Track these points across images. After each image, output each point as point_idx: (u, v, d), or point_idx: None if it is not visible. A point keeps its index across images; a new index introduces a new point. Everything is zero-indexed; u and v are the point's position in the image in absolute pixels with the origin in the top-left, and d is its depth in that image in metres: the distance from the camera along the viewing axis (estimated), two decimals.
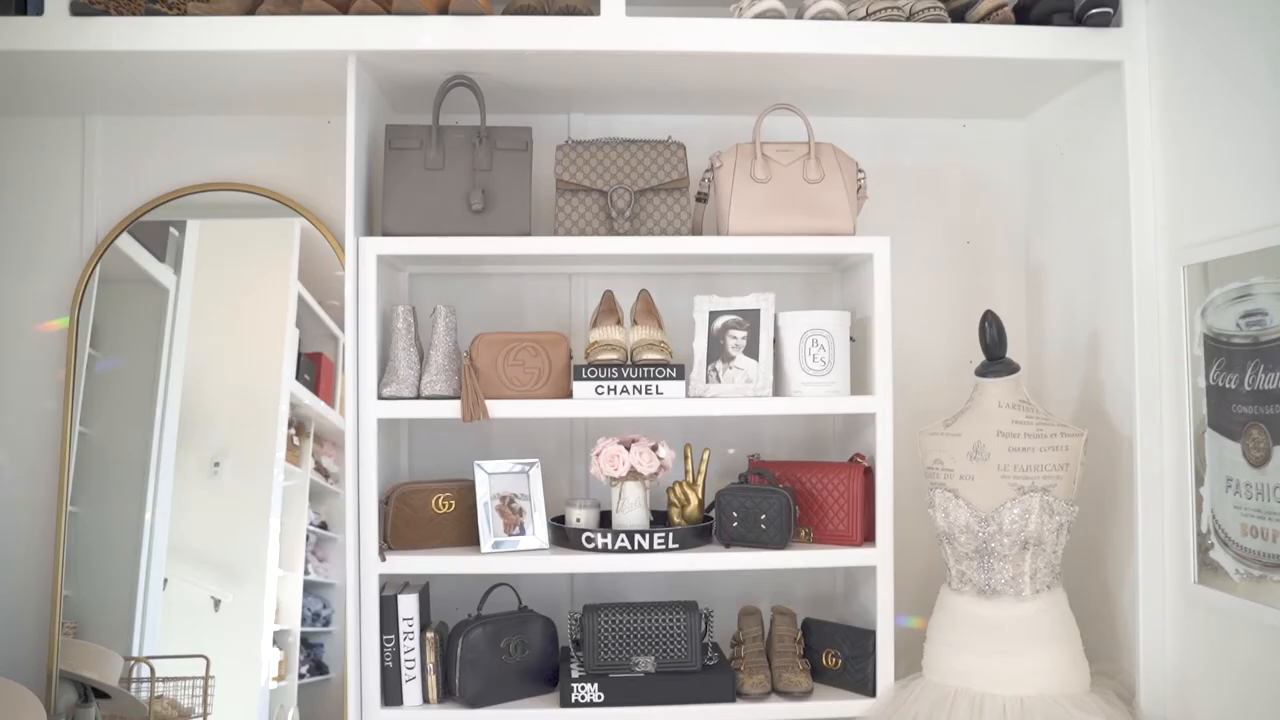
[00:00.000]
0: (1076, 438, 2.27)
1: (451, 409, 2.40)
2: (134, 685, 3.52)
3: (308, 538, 5.49)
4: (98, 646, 2.90)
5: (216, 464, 4.80)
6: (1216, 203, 2.13)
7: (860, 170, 2.53)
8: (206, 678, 3.68)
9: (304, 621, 5.40)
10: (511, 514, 2.48)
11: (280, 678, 5.25)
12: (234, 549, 4.73)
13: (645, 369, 2.42)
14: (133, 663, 3.51)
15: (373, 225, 2.55)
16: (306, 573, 5.43)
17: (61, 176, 2.77)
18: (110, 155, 2.79)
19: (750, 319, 2.48)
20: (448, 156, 2.48)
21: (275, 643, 5.18)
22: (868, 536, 2.48)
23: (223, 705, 4.32)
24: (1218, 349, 2.09)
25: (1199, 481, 2.16)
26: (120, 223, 2.79)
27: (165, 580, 4.50)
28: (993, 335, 2.36)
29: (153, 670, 3.49)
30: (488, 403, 2.39)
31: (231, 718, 4.53)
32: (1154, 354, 2.30)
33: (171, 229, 3.12)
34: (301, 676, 5.43)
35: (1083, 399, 2.56)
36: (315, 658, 4.10)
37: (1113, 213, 2.41)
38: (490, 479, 2.49)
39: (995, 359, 2.37)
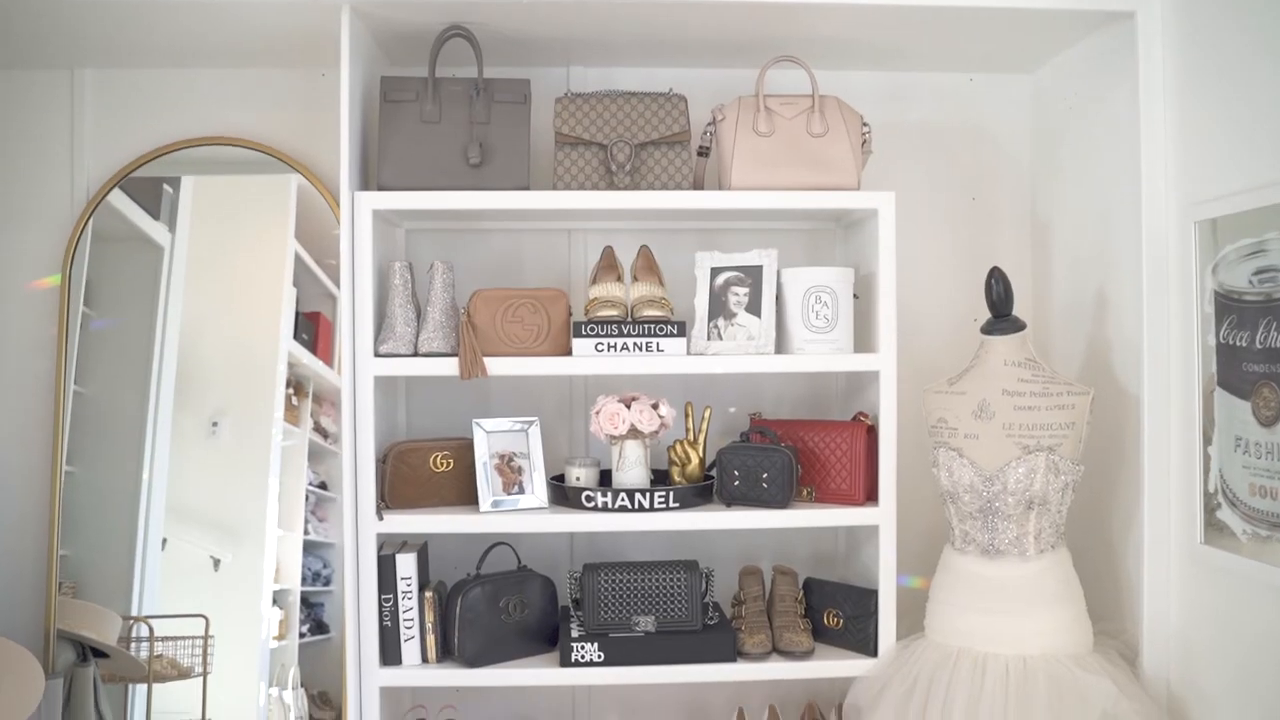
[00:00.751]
0: (1083, 396, 2.24)
1: (449, 366, 2.37)
2: (133, 644, 3.52)
3: (307, 498, 5.49)
4: (96, 606, 2.89)
5: (214, 424, 4.78)
6: (1230, 157, 2.08)
7: (865, 124, 2.49)
8: (206, 637, 3.68)
9: (304, 581, 5.42)
10: (510, 473, 2.46)
11: (281, 637, 5.27)
12: (233, 509, 4.73)
13: (646, 326, 2.39)
14: (132, 622, 3.50)
15: (368, 180, 2.51)
16: (306, 532, 5.45)
17: (51, 131, 2.72)
18: (100, 109, 2.74)
19: (752, 275, 2.45)
20: (444, 109, 2.43)
21: (275, 602, 5.20)
22: (870, 496, 2.46)
23: (223, 664, 4.33)
24: (1229, 306, 2.05)
25: (1207, 441, 2.13)
26: (111, 178, 2.74)
27: (164, 540, 4.50)
28: (999, 292, 2.33)
29: (151, 630, 3.48)
30: (486, 360, 2.36)
31: (232, 677, 4.55)
32: (1163, 311, 2.26)
33: (165, 185, 3.08)
34: (302, 636, 5.46)
35: (1089, 357, 2.53)
36: (316, 617, 4.11)
37: (1122, 168, 2.36)
38: (489, 437, 2.46)
39: (1001, 316, 2.34)
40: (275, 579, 5.05)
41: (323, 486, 3.43)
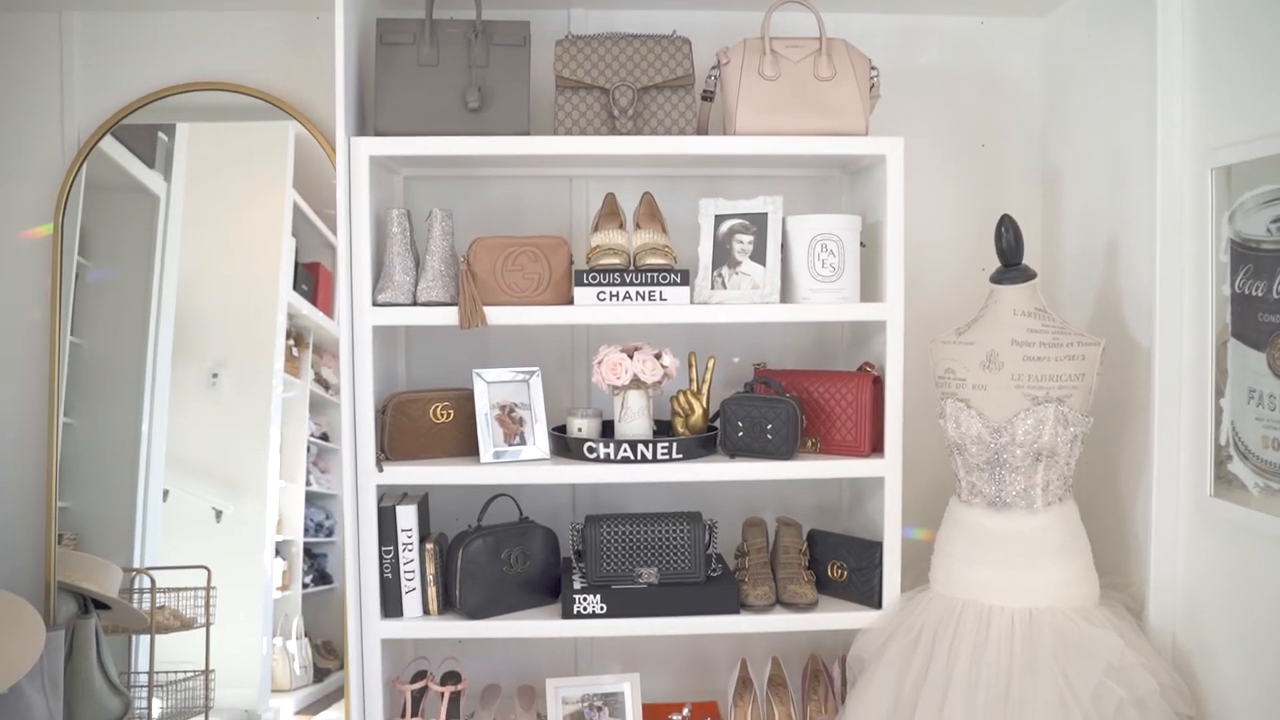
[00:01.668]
0: (1093, 347, 2.21)
1: (449, 316, 2.34)
2: (135, 596, 3.52)
3: (309, 449, 5.48)
4: (96, 558, 2.88)
5: (214, 375, 4.76)
6: (1249, 102, 2.02)
7: (873, 68, 2.43)
8: (208, 588, 3.68)
9: (307, 532, 5.42)
10: (511, 424, 2.44)
11: (284, 587, 5.30)
12: (234, 461, 4.72)
13: (648, 274, 2.36)
14: (134, 574, 3.50)
15: (365, 125, 2.47)
16: (308, 484, 5.45)
17: (39, 75, 2.66)
18: (90, 53, 2.68)
19: (757, 223, 2.40)
20: (442, 52, 2.37)
21: (278, 553, 5.21)
22: (876, 447, 2.44)
23: (226, 615, 4.34)
24: (1245, 255, 2.00)
25: (1219, 393, 2.10)
26: (103, 125, 2.69)
27: (166, 492, 4.49)
28: (1009, 240, 2.28)
29: (153, 581, 3.48)
30: (486, 309, 2.33)
31: (235, 627, 4.56)
32: (1176, 261, 2.21)
33: (160, 133, 3.03)
34: (305, 586, 5.47)
35: (1099, 308, 2.49)
36: (319, 568, 4.11)
37: (1137, 113, 2.30)
38: (489, 388, 2.44)
39: (1011, 265, 2.30)
40: (278, 530, 5.06)
41: (324, 438, 3.42)
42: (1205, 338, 2.14)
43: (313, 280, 3.48)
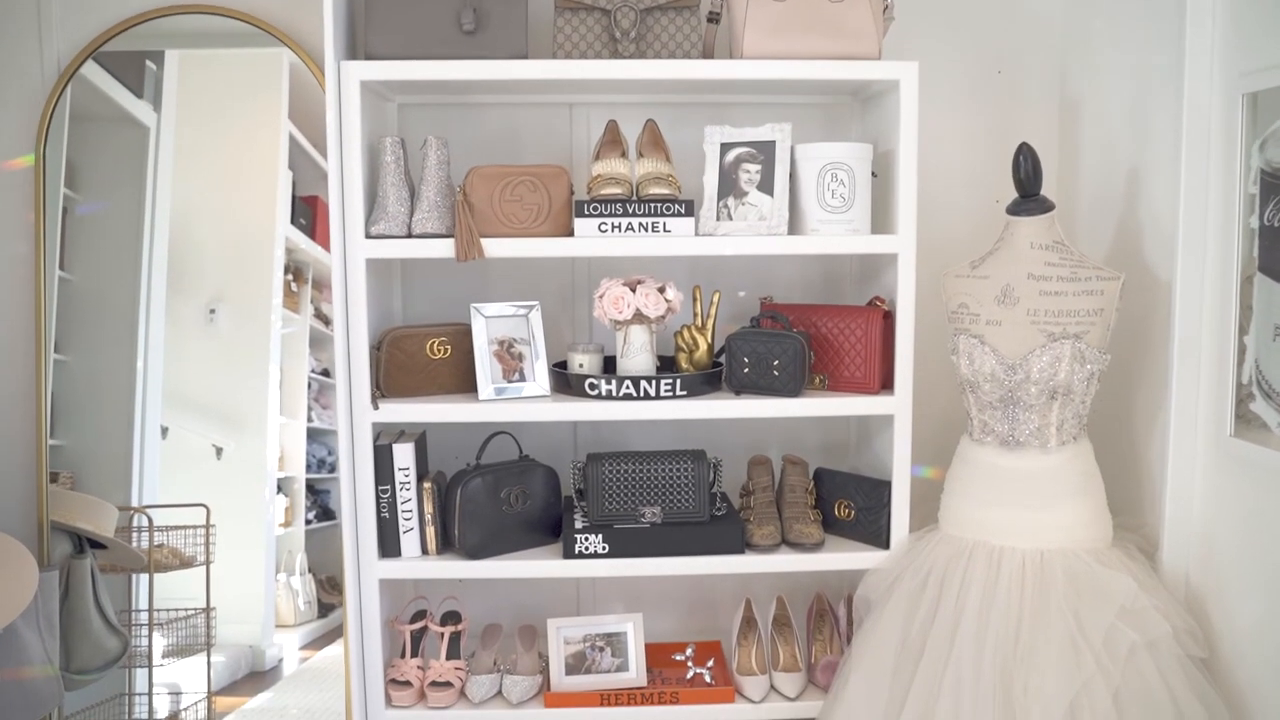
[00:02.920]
0: (1112, 281, 2.14)
1: (445, 248, 2.28)
2: (134, 534, 3.49)
3: (309, 385, 5.44)
4: (90, 497, 2.84)
5: (212, 311, 4.70)
6: None
7: None
8: (207, 526, 3.66)
9: (309, 468, 5.40)
10: (510, 359, 2.38)
11: (287, 524, 5.29)
12: (234, 397, 4.69)
13: (652, 205, 2.30)
14: (131, 512, 3.47)
15: (355, 49, 2.38)
16: (309, 420, 5.42)
17: None
18: None
19: (765, 152, 2.33)
20: None
21: (280, 489, 5.19)
22: (885, 384, 2.39)
23: (229, 552, 4.33)
24: (1276, 186, 1.92)
25: (1243, 330, 2.03)
26: (84, 49, 2.59)
27: (165, 429, 4.46)
28: (1027, 170, 2.21)
29: (150, 520, 3.45)
30: (483, 241, 2.27)
31: (238, 564, 4.56)
32: (1201, 192, 2.13)
33: (148, 62, 2.93)
34: (309, 522, 5.46)
35: (1118, 241, 2.42)
36: (322, 504, 4.09)
37: (1162, 36, 2.20)
38: (488, 323, 2.38)
39: (1028, 195, 2.23)
40: (280, 467, 5.04)
41: (325, 374, 3.37)
42: (1230, 272, 2.06)
43: (311, 214, 3.40)
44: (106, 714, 3.49)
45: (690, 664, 2.49)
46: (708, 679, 2.46)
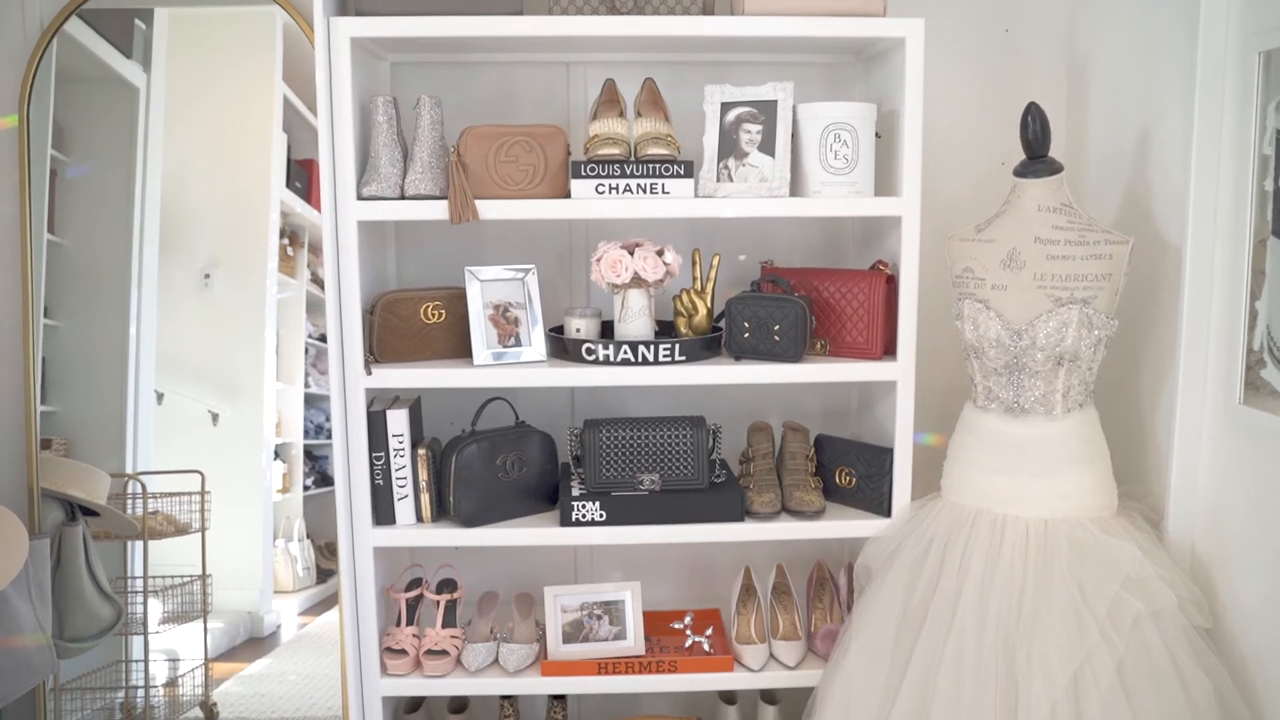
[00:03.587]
0: (1121, 245, 2.09)
1: (438, 210, 2.23)
2: (129, 502, 3.47)
3: (306, 350, 5.41)
4: (82, 464, 2.81)
5: (207, 276, 4.66)
6: None
7: None
8: (203, 492, 3.64)
9: (307, 434, 5.38)
10: (506, 324, 2.34)
11: (285, 490, 5.27)
12: (229, 363, 4.65)
13: (650, 165, 2.25)
14: (125, 479, 3.45)
15: (346, 5, 2.33)
16: (307, 385, 5.39)
17: None
18: None
19: (766, 111, 2.28)
20: None
21: (278, 456, 5.17)
22: (888, 349, 2.36)
23: (227, 519, 4.32)
24: None
25: (1254, 295, 1.98)
26: (66, 5, 2.54)
27: (160, 395, 4.43)
28: (1035, 130, 2.15)
29: (143, 487, 3.43)
30: (478, 203, 2.23)
31: (236, 530, 4.54)
32: (1213, 154, 2.08)
33: (136, 20, 2.86)
34: (307, 489, 5.45)
35: (1126, 205, 2.37)
36: (320, 469, 4.07)
37: None
38: (483, 286, 2.34)
39: (1036, 157, 2.18)
40: (277, 432, 5.01)
41: (322, 339, 3.33)
42: (1242, 236, 2.01)
43: (306, 178, 3.35)
44: (103, 680, 3.49)
45: (689, 632, 2.47)
46: (706, 647, 2.44)
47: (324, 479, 3.45)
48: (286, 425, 4.96)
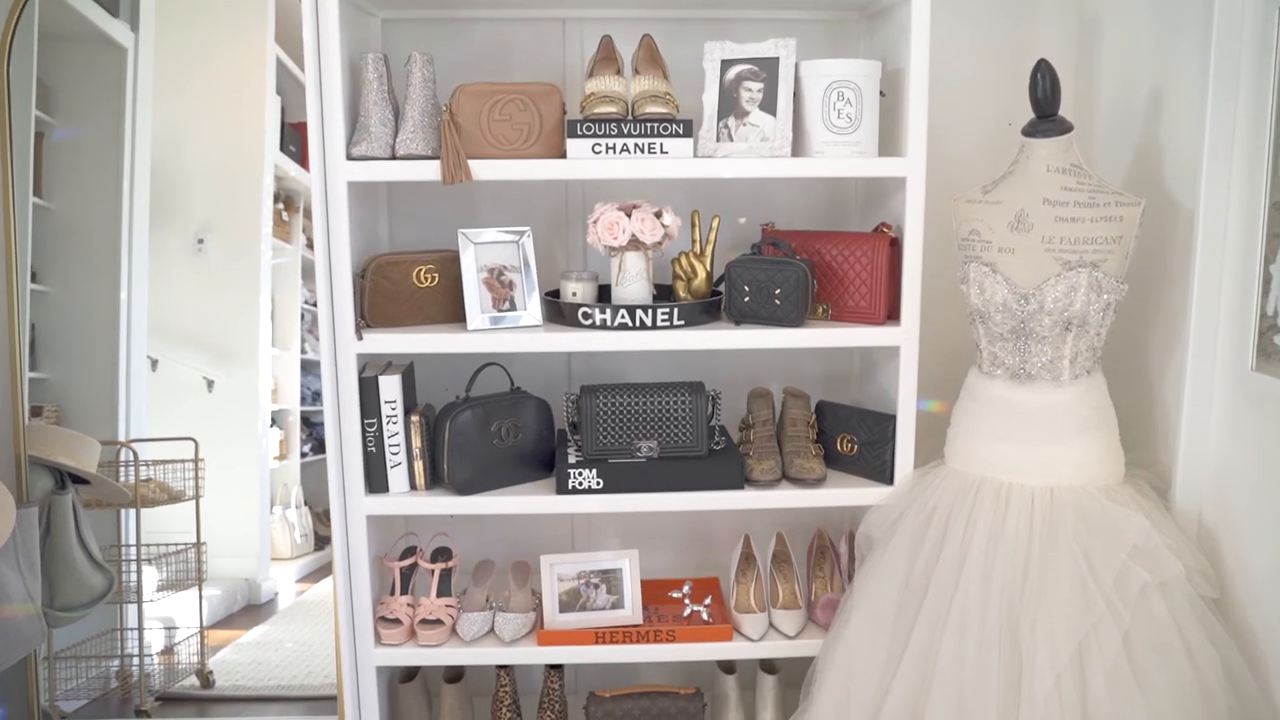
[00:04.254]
0: (1133, 207, 2.04)
1: (430, 170, 2.19)
2: (121, 469, 3.44)
3: (302, 316, 5.37)
4: (71, 431, 2.77)
5: (200, 241, 4.61)
6: None
7: None
8: (196, 460, 3.60)
9: (303, 401, 5.35)
10: (501, 288, 2.29)
11: (282, 457, 5.24)
12: (224, 329, 4.62)
13: (648, 124, 2.20)
14: (118, 447, 3.41)
15: None
16: (303, 352, 5.35)
17: None
18: None
19: (768, 69, 2.23)
20: None
21: (275, 422, 5.15)
22: (891, 314, 2.32)
23: (223, 486, 4.29)
24: None
25: (1269, 259, 1.94)
26: None
27: (155, 361, 4.40)
28: (1045, 88, 2.10)
29: (135, 454, 3.39)
30: (471, 163, 2.18)
31: (233, 497, 4.52)
32: (1229, 113, 2.02)
33: None
34: (304, 455, 5.43)
35: (1136, 166, 2.33)
36: (317, 436, 4.03)
37: None
38: (477, 249, 2.29)
39: (1046, 116, 2.12)
40: (273, 399, 4.98)
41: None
42: (1257, 198, 1.96)
43: (300, 141, 3.27)
44: (98, 649, 3.47)
45: (687, 601, 2.45)
46: (705, 617, 2.42)
47: (321, 445, 3.40)
48: (283, 392, 4.93)
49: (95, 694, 3.32)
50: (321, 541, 5.25)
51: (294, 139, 4.86)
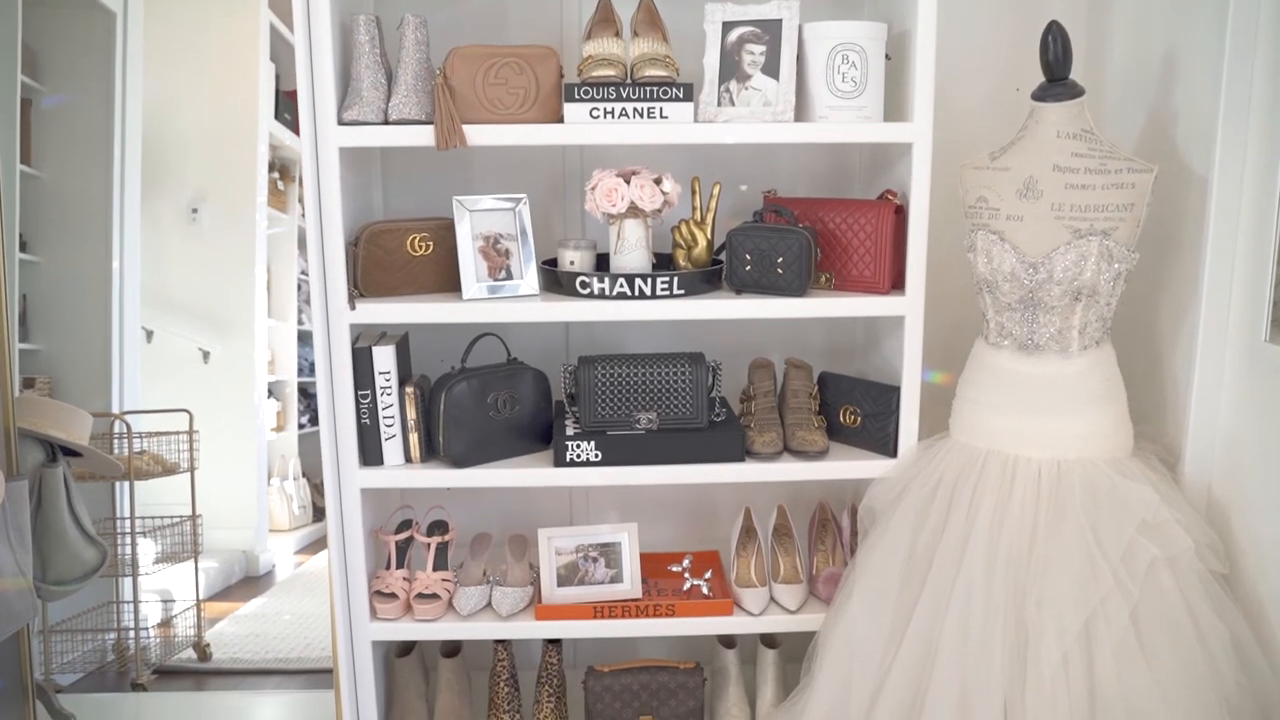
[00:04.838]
0: (1145, 174, 1.99)
1: (424, 135, 2.13)
2: (115, 441, 3.41)
3: (299, 287, 5.32)
4: (63, 403, 2.74)
5: (194, 210, 4.57)
6: None
7: None
8: (190, 432, 3.58)
9: (300, 371, 5.31)
10: (497, 256, 2.25)
11: (279, 428, 5.22)
12: (219, 299, 4.60)
13: (648, 88, 2.15)
14: (111, 419, 3.38)
15: None
16: (300, 322, 5.30)
17: None
18: None
19: (770, 31, 2.18)
20: None
21: (272, 394, 5.11)
22: (896, 283, 2.28)
23: (220, 457, 4.29)
24: None
25: None
26: None
27: (150, 333, 4.36)
28: (1056, 51, 2.04)
29: (128, 426, 3.36)
30: (466, 128, 2.13)
31: (230, 469, 4.52)
32: (1245, 77, 1.97)
33: None
34: (302, 427, 5.39)
35: (1148, 132, 2.27)
36: (315, 408, 3.97)
37: None
38: (472, 216, 2.24)
39: (1057, 80, 2.06)
40: (270, 370, 4.95)
41: None
42: (1274, 165, 1.92)
43: (295, 109, 3.19)
44: (94, 622, 3.46)
45: (687, 575, 2.42)
46: (705, 591, 2.39)
47: (319, 417, 3.37)
48: (280, 363, 4.91)
49: (91, 667, 3.32)
50: (320, 513, 5.21)
51: (289, 107, 4.81)
